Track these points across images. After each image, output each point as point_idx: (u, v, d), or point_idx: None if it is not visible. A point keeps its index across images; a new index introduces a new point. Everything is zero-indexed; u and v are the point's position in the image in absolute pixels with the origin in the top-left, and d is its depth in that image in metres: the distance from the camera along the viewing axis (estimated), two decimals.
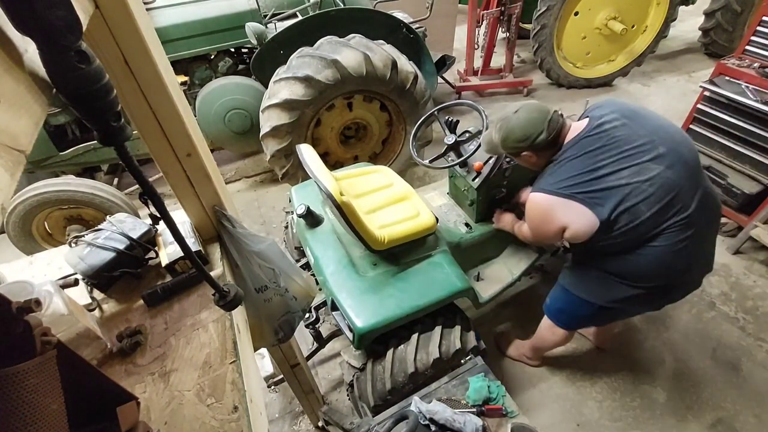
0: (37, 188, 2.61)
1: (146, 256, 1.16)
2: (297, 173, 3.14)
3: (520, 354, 2.41)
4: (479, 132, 2.05)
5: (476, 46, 4.80)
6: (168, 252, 1.10)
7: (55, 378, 0.50)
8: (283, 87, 2.78)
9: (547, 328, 2.09)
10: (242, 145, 3.61)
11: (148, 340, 0.97)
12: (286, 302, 1.32)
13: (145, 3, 3.16)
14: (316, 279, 2.02)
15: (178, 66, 3.33)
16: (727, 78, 2.84)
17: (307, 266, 2.34)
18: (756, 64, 2.75)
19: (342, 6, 3.49)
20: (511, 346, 2.46)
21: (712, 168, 3.00)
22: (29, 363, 0.46)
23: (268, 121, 2.88)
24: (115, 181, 3.65)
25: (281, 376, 2.02)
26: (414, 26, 3.54)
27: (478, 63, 5.04)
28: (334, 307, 1.83)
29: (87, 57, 0.49)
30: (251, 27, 3.15)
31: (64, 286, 1.01)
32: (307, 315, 2.11)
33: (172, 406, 0.85)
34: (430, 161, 2.19)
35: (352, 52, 2.78)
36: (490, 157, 2.01)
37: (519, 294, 2.82)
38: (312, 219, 2.13)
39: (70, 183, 2.69)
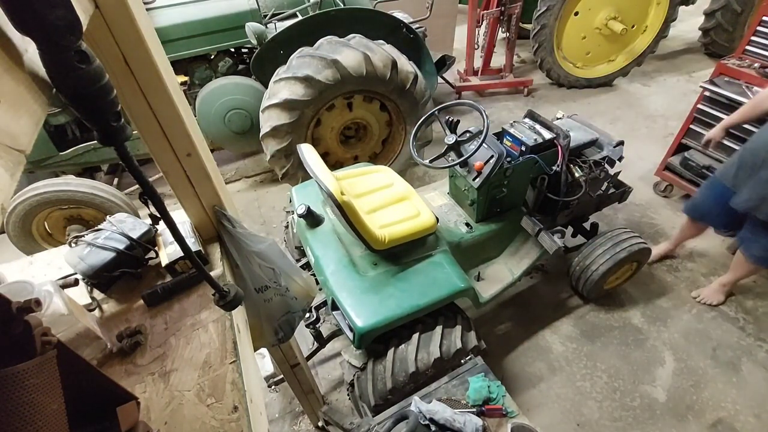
0: (37, 188, 2.61)
1: (146, 256, 1.16)
2: (297, 173, 3.14)
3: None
4: (480, 132, 2.05)
5: (476, 46, 4.80)
6: (168, 252, 1.10)
7: (55, 378, 0.50)
8: (283, 87, 2.78)
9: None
10: (242, 145, 3.61)
11: (148, 340, 0.97)
12: (287, 302, 1.32)
13: (145, 3, 3.16)
14: (316, 279, 2.02)
15: (178, 66, 3.33)
16: (727, 78, 2.84)
17: (307, 266, 2.34)
18: (756, 64, 2.75)
19: (342, 6, 3.49)
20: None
21: (712, 168, 3.00)
22: (29, 363, 0.46)
23: (268, 121, 2.88)
24: (115, 181, 3.65)
25: (281, 376, 2.02)
26: (414, 26, 3.54)
27: (478, 63, 5.04)
28: (335, 307, 1.83)
29: (87, 57, 0.49)
30: (251, 27, 3.15)
31: (64, 286, 1.01)
32: (307, 315, 2.11)
33: (172, 406, 0.85)
34: (431, 161, 2.19)
35: (352, 52, 2.78)
36: (491, 157, 2.01)
37: (519, 294, 2.82)
38: (313, 219, 2.13)
39: (70, 183, 2.69)
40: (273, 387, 2.30)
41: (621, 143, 2.46)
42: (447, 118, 2.18)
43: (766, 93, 2.17)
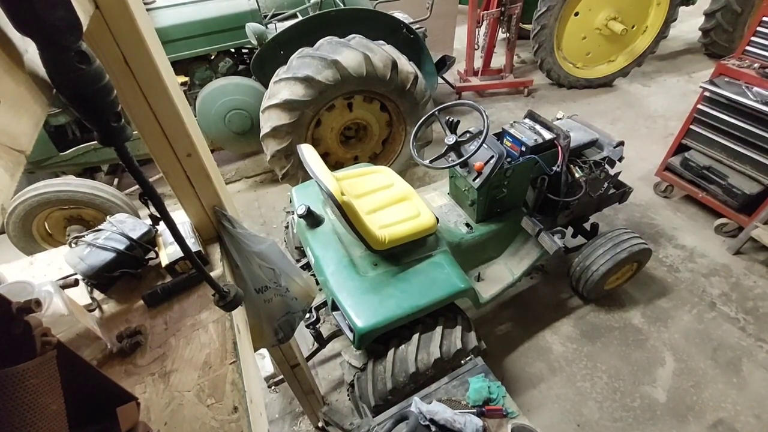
0: (37, 188, 2.61)
1: (146, 257, 1.16)
2: (297, 173, 3.14)
3: None
4: (480, 132, 2.06)
5: (476, 47, 4.79)
6: (168, 252, 1.10)
7: (55, 378, 0.50)
8: (284, 87, 2.78)
9: None
10: (242, 145, 3.61)
11: (148, 340, 0.97)
12: (287, 302, 1.32)
13: (145, 3, 3.16)
14: (316, 279, 2.02)
15: (178, 66, 3.33)
16: (727, 78, 2.84)
17: (307, 266, 2.34)
18: (756, 65, 2.75)
19: (342, 6, 3.49)
20: None
21: (712, 168, 3.00)
22: (29, 363, 0.46)
23: (269, 122, 2.88)
24: (115, 181, 3.65)
25: (281, 376, 2.02)
26: (414, 26, 3.54)
27: (478, 63, 5.04)
28: (335, 307, 1.83)
29: (87, 57, 0.49)
30: (251, 27, 3.15)
31: (64, 287, 1.01)
32: (307, 315, 2.11)
33: (172, 407, 0.85)
34: (431, 161, 2.19)
35: (352, 52, 2.78)
36: (491, 157, 2.01)
37: (519, 294, 2.82)
38: (313, 219, 2.13)
39: (70, 183, 2.69)
40: (273, 387, 2.30)
41: (621, 144, 2.46)
42: (447, 118, 2.18)
43: None
